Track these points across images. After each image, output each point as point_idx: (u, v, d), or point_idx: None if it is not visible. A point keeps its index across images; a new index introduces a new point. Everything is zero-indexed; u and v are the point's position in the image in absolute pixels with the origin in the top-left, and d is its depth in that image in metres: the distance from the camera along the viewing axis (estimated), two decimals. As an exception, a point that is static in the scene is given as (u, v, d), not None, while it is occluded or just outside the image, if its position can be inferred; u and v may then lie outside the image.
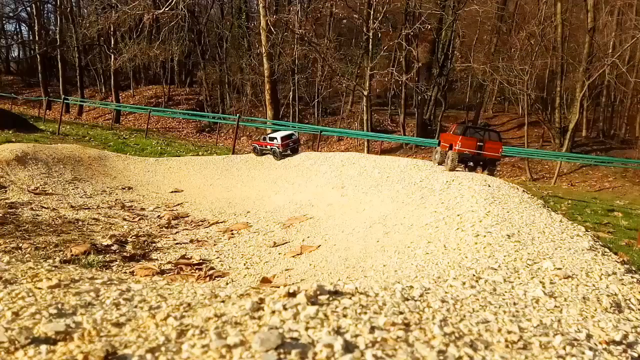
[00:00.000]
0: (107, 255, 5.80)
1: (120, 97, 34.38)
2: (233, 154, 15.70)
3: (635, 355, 1.82)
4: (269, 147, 12.13)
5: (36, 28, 37.07)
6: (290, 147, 12.06)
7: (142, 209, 9.00)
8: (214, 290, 2.17)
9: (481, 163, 8.68)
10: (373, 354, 1.50)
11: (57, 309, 1.78)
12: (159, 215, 8.55)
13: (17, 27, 52.37)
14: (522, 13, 31.38)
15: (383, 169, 8.94)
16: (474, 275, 2.89)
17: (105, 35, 31.80)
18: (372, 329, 1.68)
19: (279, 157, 11.93)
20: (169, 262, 5.81)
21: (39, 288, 1.99)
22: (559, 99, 27.82)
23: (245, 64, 32.37)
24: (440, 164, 9.06)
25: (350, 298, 1.98)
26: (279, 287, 2.27)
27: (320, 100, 32.48)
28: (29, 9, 40.90)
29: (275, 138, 12.06)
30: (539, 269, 3.06)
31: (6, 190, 8.94)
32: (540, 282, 2.76)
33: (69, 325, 1.64)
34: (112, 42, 31.59)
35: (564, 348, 1.76)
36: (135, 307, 1.89)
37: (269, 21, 23.34)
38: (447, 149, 8.78)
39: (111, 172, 12.06)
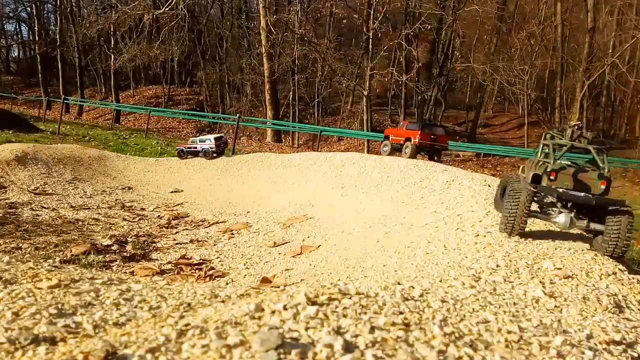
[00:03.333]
0: (107, 255, 5.79)
1: (120, 97, 34.38)
2: (233, 154, 15.70)
3: (635, 355, 1.82)
4: (199, 148, 13.10)
5: (36, 28, 37.09)
6: (221, 148, 13.29)
7: (142, 209, 9.00)
8: (214, 290, 2.17)
9: (429, 152, 10.77)
10: (373, 354, 1.50)
11: (57, 309, 1.78)
12: (159, 215, 8.55)
13: (17, 27, 52.41)
14: (522, 13, 31.40)
15: (383, 169, 8.94)
16: (474, 275, 2.89)
17: (105, 35, 31.80)
18: (372, 329, 1.68)
19: (210, 156, 12.93)
20: (169, 262, 5.80)
21: (39, 288, 1.99)
22: (559, 99, 27.82)
23: (245, 64, 32.37)
24: (389, 154, 10.82)
25: (350, 298, 1.98)
26: (279, 287, 2.27)
27: (320, 100, 32.49)
28: (29, 9, 40.91)
29: (209, 139, 13.32)
30: (539, 269, 3.06)
31: (6, 190, 8.94)
32: (540, 282, 2.76)
33: (69, 325, 1.64)
34: (112, 42, 31.59)
35: (564, 348, 1.76)
36: (135, 307, 1.89)
37: (269, 21, 23.34)
38: (402, 141, 10.71)
39: (111, 172, 12.06)
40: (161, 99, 36.91)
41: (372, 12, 22.95)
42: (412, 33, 23.48)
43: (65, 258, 5.35)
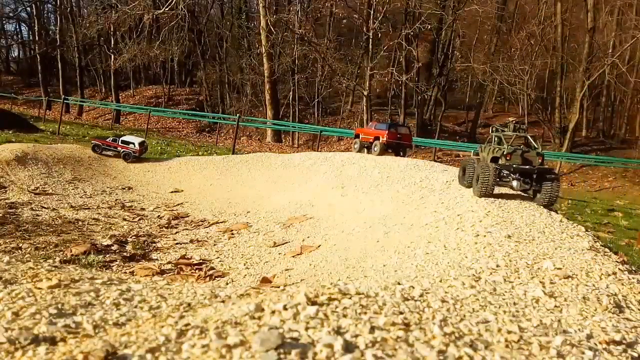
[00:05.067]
0: (107, 255, 5.79)
1: (120, 97, 34.39)
2: (233, 154, 15.70)
3: (635, 355, 1.82)
4: (120, 149, 12.78)
5: (36, 28, 37.10)
6: (142, 153, 13.15)
7: (142, 209, 9.00)
8: (214, 290, 2.17)
9: (395, 149, 11.88)
10: (373, 353, 1.50)
11: (57, 309, 1.78)
12: (159, 215, 8.55)
13: (17, 27, 52.41)
14: (522, 13, 31.40)
15: (383, 169, 8.94)
16: (474, 275, 2.89)
17: (105, 35, 31.80)
18: (372, 329, 1.68)
19: (130, 159, 12.74)
20: (169, 262, 5.80)
21: (39, 288, 1.99)
22: (559, 99, 27.82)
23: (245, 64, 32.37)
24: (359, 151, 12.15)
25: (350, 298, 1.98)
26: (279, 287, 2.27)
27: (320, 100, 32.48)
28: (29, 9, 40.92)
29: (133, 143, 12.95)
30: (539, 269, 3.06)
31: (6, 190, 8.94)
32: (540, 282, 2.76)
33: (69, 325, 1.64)
34: (112, 42, 31.59)
35: (564, 348, 1.76)
36: (135, 307, 1.89)
37: (269, 21, 23.34)
38: (372, 140, 11.79)
39: (111, 172, 12.06)
40: (161, 99, 36.92)
41: (372, 12, 22.97)
42: (412, 33, 23.48)
43: (65, 258, 5.35)
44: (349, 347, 1.53)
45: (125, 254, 5.94)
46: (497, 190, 6.00)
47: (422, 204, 6.32)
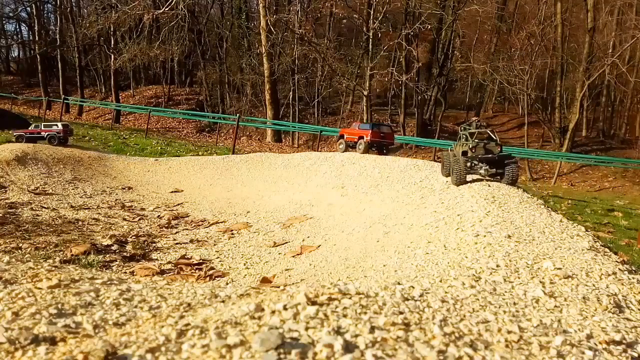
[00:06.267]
0: (107, 255, 5.79)
1: (120, 97, 34.37)
2: (233, 154, 15.71)
3: (635, 355, 1.82)
4: (44, 133, 13.54)
5: (36, 28, 37.07)
6: (68, 135, 14.03)
7: (142, 209, 9.00)
8: (214, 290, 2.17)
9: (378, 147, 12.59)
10: (373, 354, 1.50)
11: (57, 309, 1.78)
12: (159, 215, 8.55)
13: (17, 27, 52.42)
14: (522, 13, 31.40)
15: (383, 169, 8.94)
16: (474, 275, 2.89)
17: (105, 35, 31.79)
18: (372, 329, 1.68)
19: (55, 142, 13.43)
20: (169, 262, 5.80)
21: (39, 288, 1.99)
22: (559, 99, 27.83)
23: (245, 64, 32.36)
24: (345, 151, 12.90)
25: (350, 298, 1.98)
26: (279, 287, 2.27)
27: (320, 100, 32.48)
28: (29, 9, 40.90)
29: (56, 125, 14.01)
30: (539, 269, 3.06)
31: (6, 190, 8.94)
32: (540, 282, 2.76)
33: (69, 325, 1.64)
34: (112, 42, 31.58)
35: (564, 348, 1.76)
36: (135, 307, 1.89)
37: (269, 21, 23.34)
38: (356, 139, 12.58)
39: (111, 172, 12.06)
40: (161, 99, 36.91)
41: (372, 12, 22.98)
42: (412, 33, 23.49)
43: (65, 258, 5.35)
44: (349, 347, 1.53)
45: (125, 254, 5.94)
46: (498, 187, 6.13)
47: (422, 204, 6.32)
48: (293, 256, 5.96)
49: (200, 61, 35.53)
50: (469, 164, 6.80)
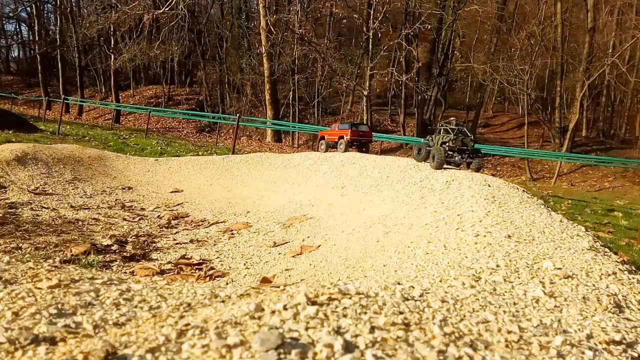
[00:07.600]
0: (107, 255, 5.79)
1: (120, 97, 34.38)
2: (233, 154, 15.71)
3: (635, 355, 1.82)
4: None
5: (36, 28, 37.08)
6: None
7: (142, 209, 9.00)
8: (214, 290, 2.17)
9: (358, 145, 13.54)
10: (373, 353, 1.50)
11: (57, 309, 1.78)
12: (159, 215, 8.54)
13: (17, 27, 52.42)
14: (522, 13, 31.41)
15: (383, 169, 8.95)
16: (474, 275, 2.89)
17: (105, 35, 31.79)
18: (372, 329, 1.68)
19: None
20: (169, 262, 5.80)
21: (39, 288, 1.99)
22: (559, 98, 27.83)
23: (245, 64, 32.36)
24: (326, 151, 13.81)
25: (350, 298, 1.98)
26: (279, 287, 2.27)
27: (320, 100, 32.49)
28: (29, 9, 40.90)
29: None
30: (539, 269, 3.06)
31: (6, 190, 8.94)
32: (540, 282, 2.76)
33: (69, 325, 1.64)
34: (112, 42, 31.58)
35: (564, 348, 1.76)
36: (135, 307, 1.89)
37: (269, 21, 23.35)
38: (336, 139, 13.51)
39: (111, 172, 12.06)
40: (161, 99, 36.91)
41: (372, 12, 22.98)
42: (412, 33, 23.50)
43: (65, 258, 5.35)
44: (349, 347, 1.53)
45: (125, 254, 5.93)
46: (498, 187, 6.13)
47: (422, 204, 6.32)
48: (293, 256, 5.96)
49: (200, 61, 35.54)
50: (447, 153, 8.36)
